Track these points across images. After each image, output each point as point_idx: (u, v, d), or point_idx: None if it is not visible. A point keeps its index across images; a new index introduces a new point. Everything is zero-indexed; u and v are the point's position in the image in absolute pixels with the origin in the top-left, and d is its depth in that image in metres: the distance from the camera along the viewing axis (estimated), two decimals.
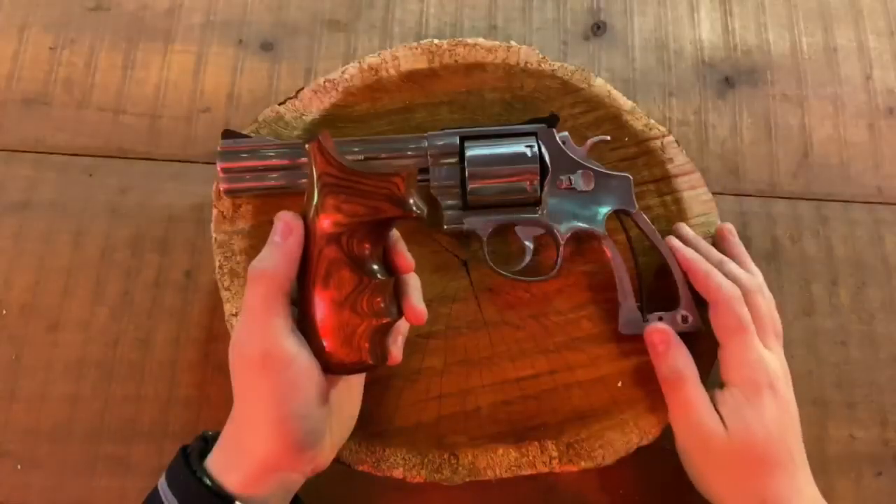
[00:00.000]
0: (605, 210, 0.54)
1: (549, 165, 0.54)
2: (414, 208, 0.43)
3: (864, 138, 0.69)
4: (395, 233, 0.46)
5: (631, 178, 0.55)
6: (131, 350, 0.59)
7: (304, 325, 0.44)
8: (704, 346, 0.54)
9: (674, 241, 0.54)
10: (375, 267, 0.44)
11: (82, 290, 0.60)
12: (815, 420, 0.60)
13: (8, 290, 0.60)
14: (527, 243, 0.54)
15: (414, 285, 0.46)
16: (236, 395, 0.44)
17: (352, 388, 0.49)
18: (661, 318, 0.53)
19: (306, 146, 0.44)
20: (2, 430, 0.57)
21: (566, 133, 0.55)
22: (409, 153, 0.53)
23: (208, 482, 0.42)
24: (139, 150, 0.64)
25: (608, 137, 0.56)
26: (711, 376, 0.53)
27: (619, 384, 0.54)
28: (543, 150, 0.54)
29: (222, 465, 0.43)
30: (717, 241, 0.57)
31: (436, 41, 0.60)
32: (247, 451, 0.43)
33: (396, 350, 0.46)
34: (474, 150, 0.53)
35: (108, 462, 0.56)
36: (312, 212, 0.44)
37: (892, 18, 0.73)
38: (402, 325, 0.47)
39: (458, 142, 0.53)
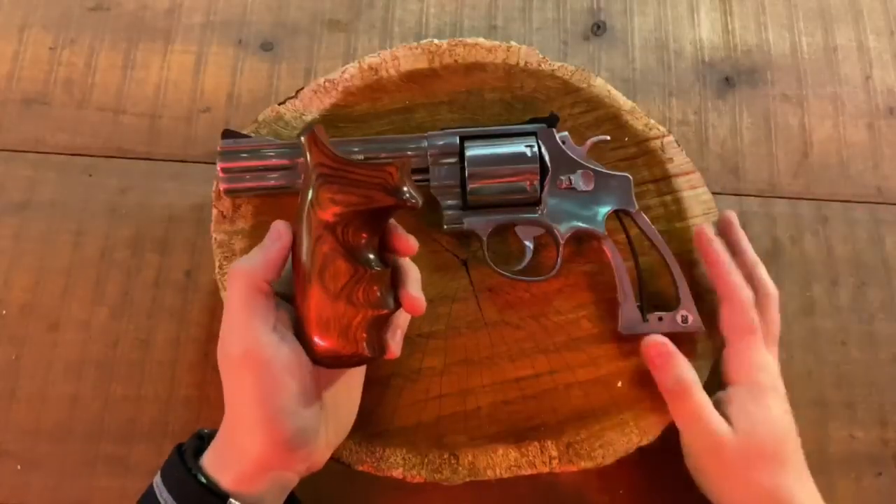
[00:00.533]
0: (605, 210, 0.54)
1: (549, 165, 0.54)
2: (408, 196, 0.43)
3: (864, 138, 0.69)
4: (392, 221, 0.46)
5: (631, 177, 0.55)
6: (131, 350, 0.59)
7: (300, 322, 0.44)
8: (703, 348, 0.54)
9: (706, 232, 0.54)
10: (372, 257, 0.44)
11: (82, 290, 0.60)
12: (815, 420, 0.60)
13: (8, 291, 0.60)
14: (527, 243, 0.54)
15: (413, 276, 0.46)
16: (225, 394, 0.44)
17: (350, 388, 0.49)
18: (661, 319, 0.53)
19: (301, 138, 0.44)
20: (2, 430, 0.56)
21: (566, 133, 0.55)
22: (409, 153, 0.53)
23: (203, 480, 0.42)
24: (139, 150, 0.64)
25: (608, 137, 0.56)
26: (718, 376, 0.53)
27: (619, 384, 0.54)
28: (543, 149, 0.54)
29: (216, 464, 0.43)
30: (720, 228, 0.57)
31: (436, 41, 0.60)
32: (239, 449, 0.43)
33: (395, 344, 0.46)
34: (474, 150, 0.53)
35: (107, 462, 0.56)
36: (308, 203, 0.44)
37: (891, 18, 0.73)
38: (402, 320, 0.47)
39: (458, 142, 0.53)
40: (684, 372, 0.51)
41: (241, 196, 0.55)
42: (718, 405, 0.50)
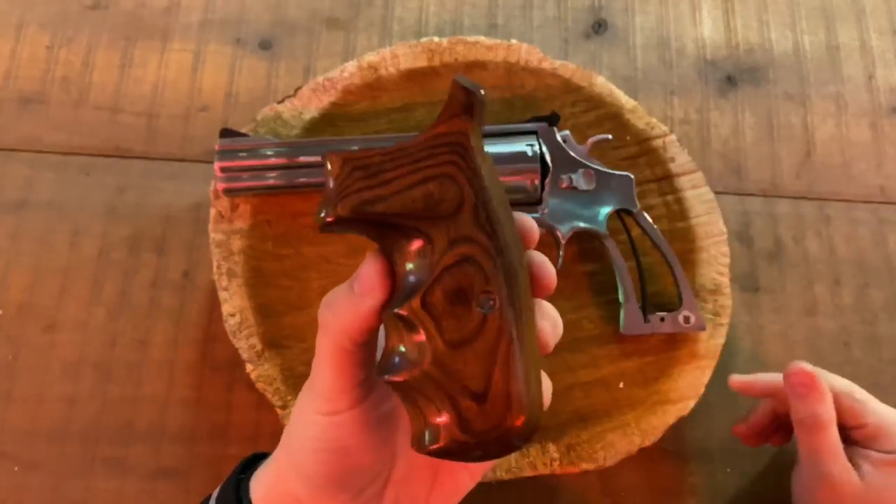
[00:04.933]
0: (606, 209, 0.54)
1: (550, 164, 0.53)
2: None
3: (867, 137, 0.68)
4: None
5: (633, 177, 0.54)
6: (129, 351, 0.58)
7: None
8: (705, 348, 0.53)
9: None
10: None
11: (79, 290, 0.59)
12: None
13: (5, 291, 0.59)
14: None
15: None
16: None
17: None
18: (662, 319, 0.53)
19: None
20: None
21: (567, 132, 0.55)
22: None
23: None
24: (136, 149, 0.64)
25: (609, 136, 0.55)
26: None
27: (621, 385, 0.53)
28: (544, 148, 0.53)
29: None
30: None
31: (436, 39, 0.59)
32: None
33: None
34: None
35: (105, 463, 0.56)
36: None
37: (894, 17, 0.73)
38: None
39: None
40: (823, 408, 0.49)
41: (240, 195, 0.54)
42: (851, 453, 0.49)
